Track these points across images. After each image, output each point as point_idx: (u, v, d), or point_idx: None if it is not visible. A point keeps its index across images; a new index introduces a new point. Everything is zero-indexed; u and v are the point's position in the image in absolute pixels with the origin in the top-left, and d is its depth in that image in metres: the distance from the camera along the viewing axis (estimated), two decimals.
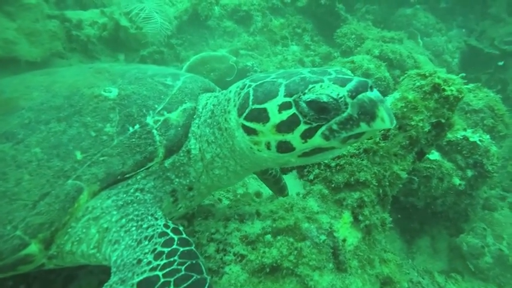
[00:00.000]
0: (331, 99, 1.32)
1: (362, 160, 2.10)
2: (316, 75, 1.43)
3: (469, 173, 3.77)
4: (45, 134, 1.48)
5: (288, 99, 1.38)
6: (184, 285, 1.25)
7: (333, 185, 2.11)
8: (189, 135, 1.68)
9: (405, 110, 2.08)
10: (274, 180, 2.62)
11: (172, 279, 1.26)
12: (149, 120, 1.59)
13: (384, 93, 2.43)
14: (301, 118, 1.37)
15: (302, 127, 1.37)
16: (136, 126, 1.56)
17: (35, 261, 1.39)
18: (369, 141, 2.10)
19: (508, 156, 6.18)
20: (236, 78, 4.44)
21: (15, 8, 4.68)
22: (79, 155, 1.45)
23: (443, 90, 2.04)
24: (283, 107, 1.38)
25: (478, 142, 3.66)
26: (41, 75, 1.88)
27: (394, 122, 1.36)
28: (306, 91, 1.36)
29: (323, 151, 1.46)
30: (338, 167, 2.11)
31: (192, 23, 5.33)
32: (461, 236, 4.10)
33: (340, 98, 1.32)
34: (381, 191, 2.14)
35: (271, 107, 1.40)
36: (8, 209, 1.34)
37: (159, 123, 1.60)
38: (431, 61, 6.11)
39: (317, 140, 1.38)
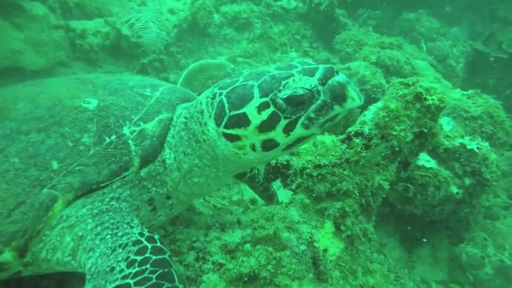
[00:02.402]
0: (306, 91, 1.40)
1: (344, 170, 2.10)
2: (284, 70, 1.48)
3: (467, 181, 3.69)
4: (24, 144, 1.53)
5: (264, 99, 1.43)
6: None
7: (314, 195, 2.11)
8: (165, 145, 1.71)
9: (387, 119, 2.07)
10: (262, 189, 2.65)
11: None
12: (125, 130, 1.63)
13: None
14: (280, 114, 1.43)
15: (283, 122, 1.44)
16: (113, 137, 1.60)
17: (10, 269, 1.43)
18: (351, 151, 2.10)
19: None
20: None
21: (23, 19, 4.87)
22: (55, 165, 1.50)
23: (425, 99, 2.03)
24: (262, 107, 1.43)
25: (476, 150, 3.59)
26: (30, 86, 1.94)
27: (363, 98, 1.46)
28: (281, 88, 1.42)
29: (304, 139, 1.53)
30: (320, 177, 2.11)
31: (192, 31, 5.42)
32: (460, 245, 4.01)
33: (313, 87, 1.41)
34: (363, 201, 2.13)
35: (250, 110, 1.45)
36: None
37: (135, 133, 1.64)
38: (432, 66, 6.03)
39: (298, 130, 1.46)
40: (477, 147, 3.59)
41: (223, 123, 1.51)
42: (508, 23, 8.46)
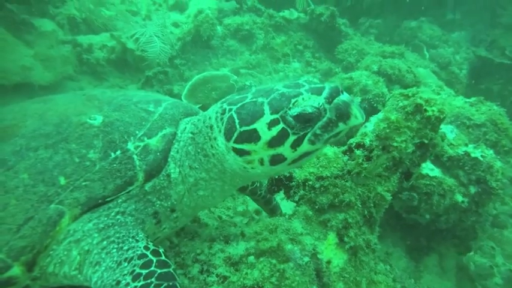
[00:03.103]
0: (315, 109, 1.48)
1: (346, 181, 2.12)
2: (292, 89, 1.55)
3: (472, 189, 3.67)
4: (33, 161, 1.57)
5: (275, 116, 1.50)
6: None
7: (317, 207, 2.13)
8: (169, 159, 1.75)
9: (388, 130, 2.09)
10: (264, 201, 2.67)
11: None
12: (130, 146, 1.67)
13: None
14: (289, 130, 1.50)
15: (292, 138, 1.51)
16: (118, 152, 1.64)
17: (18, 283, 1.46)
18: (352, 162, 2.12)
19: None
20: None
21: (33, 36, 5.02)
22: (63, 181, 1.53)
23: (425, 110, 2.05)
24: (272, 124, 1.50)
25: (480, 158, 3.58)
26: (39, 103, 1.99)
27: (364, 116, 1.55)
28: (291, 106, 1.49)
29: (309, 154, 1.60)
30: (322, 189, 2.13)
31: (195, 44, 5.53)
32: (468, 254, 3.96)
33: (320, 105, 1.48)
34: (366, 212, 2.14)
35: (261, 126, 1.51)
36: None
37: (139, 148, 1.68)
38: (435, 73, 6.04)
39: (305, 146, 1.53)
40: (481, 155, 3.58)
41: (234, 138, 1.56)
42: (510, 28, 8.46)
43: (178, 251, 2.01)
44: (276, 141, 1.51)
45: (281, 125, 1.50)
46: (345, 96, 1.52)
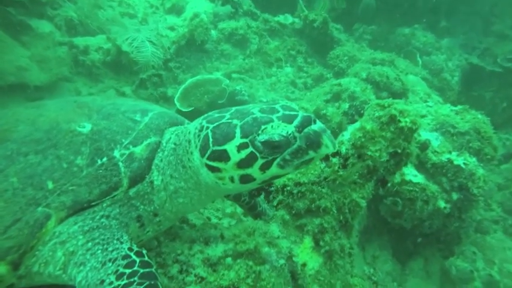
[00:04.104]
0: (282, 138, 1.53)
1: (322, 188, 2.21)
2: (266, 114, 1.62)
3: (455, 196, 3.76)
4: (23, 165, 1.63)
5: (244, 140, 1.57)
6: None
7: (294, 211, 2.21)
8: (153, 167, 1.83)
9: (363, 140, 2.18)
10: (248, 207, 2.74)
11: None
12: (116, 153, 1.75)
13: None
14: (258, 154, 1.56)
15: (260, 161, 1.57)
16: (104, 159, 1.71)
17: (4, 281, 1.52)
18: (329, 169, 2.21)
19: (510, 177, 6.05)
20: (227, 101, 4.64)
21: (30, 37, 5.09)
22: (50, 185, 1.60)
23: (399, 121, 2.14)
24: (241, 147, 1.57)
25: (462, 165, 3.67)
26: (31, 108, 2.05)
27: (336, 145, 1.60)
28: (260, 132, 1.55)
29: (279, 176, 1.68)
30: (299, 194, 2.22)
31: (190, 47, 5.61)
32: (450, 259, 4.05)
33: (289, 134, 1.54)
34: (341, 218, 2.23)
35: (231, 147, 1.58)
36: None
37: (125, 156, 1.76)
38: (428, 80, 6.14)
39: (274, 170, 1.59)
40: (464, 163, 3.67)
41: (207, 155, 1.64)
42: (503, 37, 8.58)
43: (160, 251, 2.08)
44: (244, 163, 1.58)
45: (250, 149, 1.56)
46: (316, 126, 1.57)
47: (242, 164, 1.58)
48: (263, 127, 1.55)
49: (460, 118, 4.09)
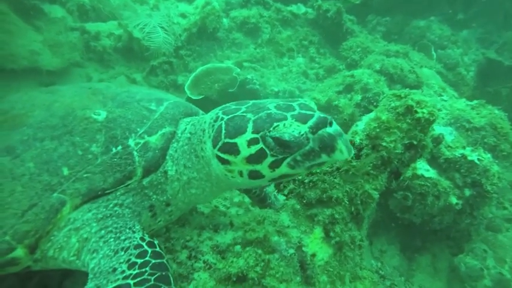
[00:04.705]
0: (292, 138, 1.48)
1: (335, 178, 2.17)
2: (281, 111, 1.57)
3: (467, 192, 3.69)
4: (39, 151, 1.64)
5: (255, 135, 1.53)
6: None
7: (305, 201, 2.19)
8: (167, 157, 1.82)
9: (378, 130, 2.13)
10: (258, 199, 2.73)
11: None
12: (131, 142, 1.74)
13: None
14: (268, 152, 1.52)
15: (269, 159, 1.53)
16: (119, 148, 1.71)
17: (21, 264, 1.55)
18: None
19: None
20: (238, 89, 4.59)
21: (43, 22, 5.10)
22: (66, 171, 1.61)
23: (416, 112, 2.08)
24: (252, 142, 1.53)
25: (477, 161, 3.59)
26: (46, 93, 2.06)
27: (352, 152, 1.52)
28: (271, 129, 1.50)
29: (289, 176, 1.63)
30: (311, 184, 2.19)
31: (201, 35, 5.56)
32: (459, 256, 4.00)
33: (302, 135, 1.48)
34: (353, 209, 2.19)
35: (241, 142, 1.55)
36: (1, 216, 1.51)
37: (139, 145, 1.75)
38: (442, 74, 5.98)
39: (283, 169, 1.55)
40: (478, 159, 3.58)
41: (218, 146, 1.62)
42: None
43: (169, 237, 2.08)
44: (253, 159, 1.54)
45: (260, 145, 1.52)
46: (332, 129, 1.49)
47: (251, 159, 1.55)
48: (275, 124, 1.51)
49: (475, 113, 3.98)
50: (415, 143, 2.13)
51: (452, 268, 4.34)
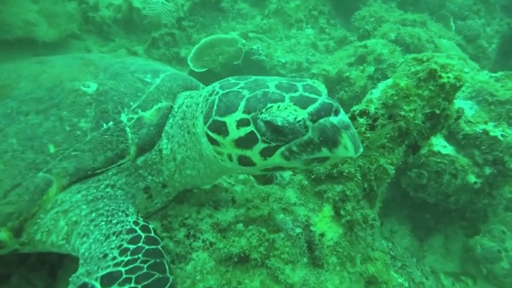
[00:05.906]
0: (286, 123, 1.27)
1: None
2: (281, 90, 1.35)
3: (487, 170, 3.46)
4: (23, 125, 1.53)
5: (245, 116, 1.34)
6: (145, 283, 1.28)
7: (313, 176, 2.01)
8: (162, 134, 1.68)
9: (396, 98, 1.91)
10: (264, 179, 2.59)
11: (133, 276, 1.29)
12: (123, 117, 1.61)
13: None
14: (259, 136, 1.33)
15: (260, 145, 1.34)
16: (110, 123, 1.58)
17: (6, 247, 1.47)
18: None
19: None
20: (243, 62, 4.35)
21: None
22: (52, 149, 1.50)
23: (440, 77, 1.84)
24: (241, 123, 1.35)
25: (500, 137, 3.34)
26: (35, 63, 1.93)
27: (360, 150, 1.27)
28: (264, 110, 1.30)
29: (284, 169, 1.45)
30: None
31: (205, 5, 5.26)
32: (476, 237, 3.83)
33: (299, 121, 1.27)
34: (365, 185, 2.01)
35: (230, 121, 1.37)
36: None
37: (133, 121, 1.62)
38: (460, 47, 5.61)
39: (277, 159, 1.36)
40: (501, 135, 3.33)
41: (208, 124, 1.46)
42: None
43: (166, 214, 1.95)
44: (243, 143, 1.37)
45: (251, 128, 1.34)
46: (336, 119, 1.26)
47: (240, 142, 1.37)
48: (269, 105, 1.30)
49: (500, 85, 3.69)
50: (437, 112, 1.91)
51: (465, 249, 4.20)
